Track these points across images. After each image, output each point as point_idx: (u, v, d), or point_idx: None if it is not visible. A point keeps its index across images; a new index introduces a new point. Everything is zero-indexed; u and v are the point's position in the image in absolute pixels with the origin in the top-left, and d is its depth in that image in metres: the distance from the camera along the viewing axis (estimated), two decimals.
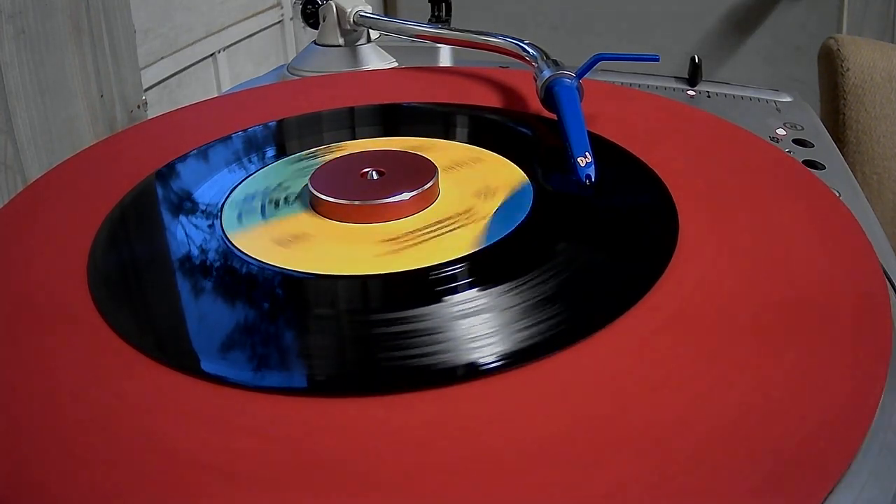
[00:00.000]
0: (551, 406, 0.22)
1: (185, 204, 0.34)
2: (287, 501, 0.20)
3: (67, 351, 0.25)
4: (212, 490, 0.20)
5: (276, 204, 0.33)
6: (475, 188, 0.34)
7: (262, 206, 0.33)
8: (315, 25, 0.59)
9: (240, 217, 0.32)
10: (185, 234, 0.32)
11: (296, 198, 0.33)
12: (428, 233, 0.30)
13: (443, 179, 0.34)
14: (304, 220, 0.32)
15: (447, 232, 0.30)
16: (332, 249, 0.30)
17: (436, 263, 0.28)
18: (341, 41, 0.58)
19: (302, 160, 0.37)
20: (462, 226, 0.31)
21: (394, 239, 0.30)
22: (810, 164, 0.45)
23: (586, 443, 0.21)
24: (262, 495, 0.20)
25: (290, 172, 0.36)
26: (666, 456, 0.20)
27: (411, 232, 0.31)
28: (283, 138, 0.41)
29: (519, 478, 0.20)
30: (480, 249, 0.29)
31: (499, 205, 0.32)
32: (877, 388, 0.22)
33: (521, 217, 0.31)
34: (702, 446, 0.20)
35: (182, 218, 0.33)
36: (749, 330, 0.25)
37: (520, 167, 0.35)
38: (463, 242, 0.30)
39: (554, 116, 0.38)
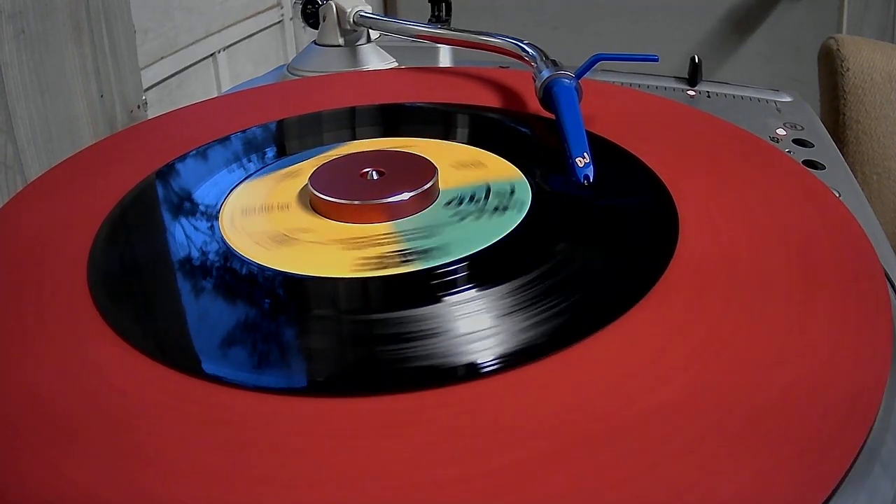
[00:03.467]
0: (551, 406, 0.22)
1: (184, 204, 0.34)
2: (287, 501, 0.20)
3: (67, 351, 0.25)
4: (212, 490, 0.20)
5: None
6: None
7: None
8: (315, 25, 0.59)
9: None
10: (184, 235, 0.32)
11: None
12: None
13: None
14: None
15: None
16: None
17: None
18: (341, 41, 0.58)
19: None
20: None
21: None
22: (810, 164, 0.45)
23: (586, 443, 0.21)
24: (262, 495, 0.20)
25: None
26: (666, 455, 0.20)
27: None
28: (283, 138, 0.41)
29: (519, 478, 0.20)
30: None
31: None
32: (878, 387, 0.22)
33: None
34: (702, 446, 0.20)
35: (182, 218, 0.33)
36: (749, 331, 0.25)
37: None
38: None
39: (553, 116, 0.38)
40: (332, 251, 0.30)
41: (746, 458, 0.20)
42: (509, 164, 0.35)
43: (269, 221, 0.32)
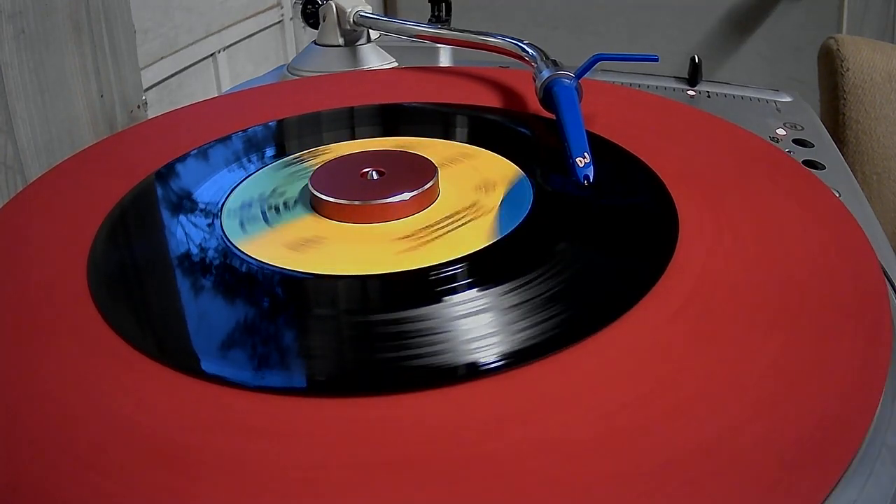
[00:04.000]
0: (552, 406, 0.22)
1: (185, 204, 0.34)
2: (286, 501, 0.20)
3: (67, 351, 0.25)
4: (211, 490, 0.20)
5: (277, 209, 0.33)
6: (474, 183, 0.34)
7: (263, 213, 0.33)
8: (315, 25, 0.59)
9: (243, 225, 0.32)
10: (184, 235, 0.32)
11: (295, 202, 0.33)
12: (440, 228, 0.31)
13: (441, 177, 0.34)
14: (313, 224, 0.32)
15: (461, 226, 0.31)
16: (350, 250, 0.30)
17: (435, 264, 0.28)
18: (341, 41, 0.58)
19: (290, 165, 0.37)
20: (473, 219, 0.31)
21: (409, 236, 0.30)
22: (810, 164, 0.45)
23: (587, 442, 0.21)
24: (262, 495, 0.20)
25: (282, 178, 0.36)
26: (667, 455, 0.20)
27: (424, 228, 0.31)
28: (283, 138, 0.41)
29: (519, 477, 0.20)
30: (492, 243, 0.29)
31: (502, 197, 0.33)
32: (877, 387, 0.22)
33: (522, 215, 0.31)
34: (702, 445, 0.20)
35: (182, 218, 0.33)
36: (749, 331, 0.25)
37: (515, 164, 0.35)
38: (479, 234, 0.30)
39: (553, 116, 0.38)
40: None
41: (746, 456, 0.20)
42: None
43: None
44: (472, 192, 0.33)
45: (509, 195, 0.33)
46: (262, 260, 0.29)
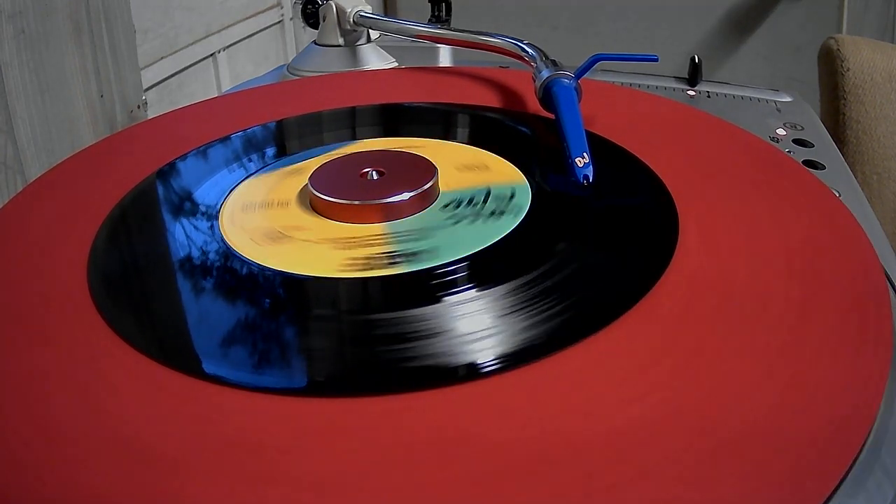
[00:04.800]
0: (552, 406, 0.22)
1: (185, 204, 0.34)
2: (287, 501, 0.20)
3: (67, 351, 0.25)
4: (211, 490, 0.20)
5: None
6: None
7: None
8: (315, 25, 0.59)
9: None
10: (184, 235, 0.32)
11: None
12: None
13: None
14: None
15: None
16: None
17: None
18: (341, 41, 0.58)
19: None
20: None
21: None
22: (810, 164, 0.45)
23: (586, 442, 0.21)
24: (261, 495, 0.20)
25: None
26: (667, 455, 0.20)
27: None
28: (283, 138, 0.41)
29: (519, 478, 0.20)
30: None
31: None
32: (878, 387, 0.22)
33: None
34: (702, 445, 0.20)
35: (182, 218, 0.33)
36: (749, 330, 0.25)
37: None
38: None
39: (553, 116, 0.38)
40: (323, 250, 0.30)
41: (747, 455, 0.20)
42: (513, 166, 0.35)
43: (267, 218, 0.32)
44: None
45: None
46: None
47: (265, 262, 0.29)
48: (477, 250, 0.29)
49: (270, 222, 0.32)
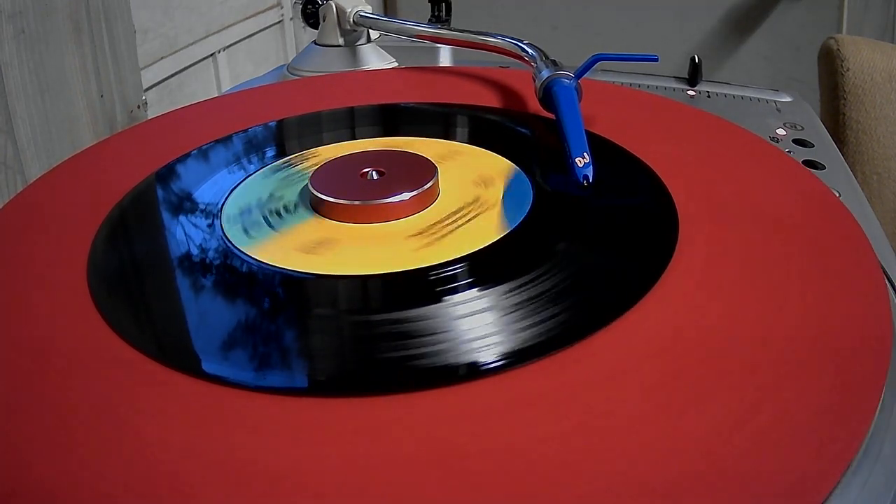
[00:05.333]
0: (552, 406, 0.22)
1: (185, 204, 0.34)
2: (286, 501, 0.20)
3: (67, 351, 0.25)
4: (211, 490, 0.20)
5: (279, 213, 0.33)
6: (472, 179, 0.34)
7: (265, 218, 0.32)
8: (315, 25, 0.59)
9: (247, 230, 0.31)
10: (183, 234, 0.32)
11: (296, 205, 0.33)
12: (451, 224, 0.31)
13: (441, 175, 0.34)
14: (319, 225, 0.32)
15: (469, 220, 0.31)
16: (365, 250, 0.30)
17: (435, 264, 0.28)
18: (341, 41, 0.58)
19: (281, 170, 0.36)
20: (479, 214, 0.31)
21: (421, 233, 0.30)
22: (810, 164, 0.45)
23: (587, 442, 0.21)
24: (261, 495, 0.20)
25: (276, 182, 0.35)
26: (667, 455, 0.20)
27: (434, 224, 0.31)
28: (283, 138, 0.41)
29: (519, 477, 0.20)
30: (492, 244, 0.29)
31: (503, 191, 0.33)
32: (876, 388, 0.22)
33: (522, 215, 0.31)
34: (701, 444, 0.20)
35: (182, 218, 0.33)
36: (748, 331, 0.25)
37: (518, 167, 0.35)
38: (489, 228, 0.30)
39: (553, 116, 0.38)
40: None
41: (747, 455, 0.20)
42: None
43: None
44: (472, 187, 0.34)
45: (509, 188, 0.33)
46: (275, 264, 0.29)
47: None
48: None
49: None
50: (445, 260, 0.28)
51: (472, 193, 0.33)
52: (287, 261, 0.29)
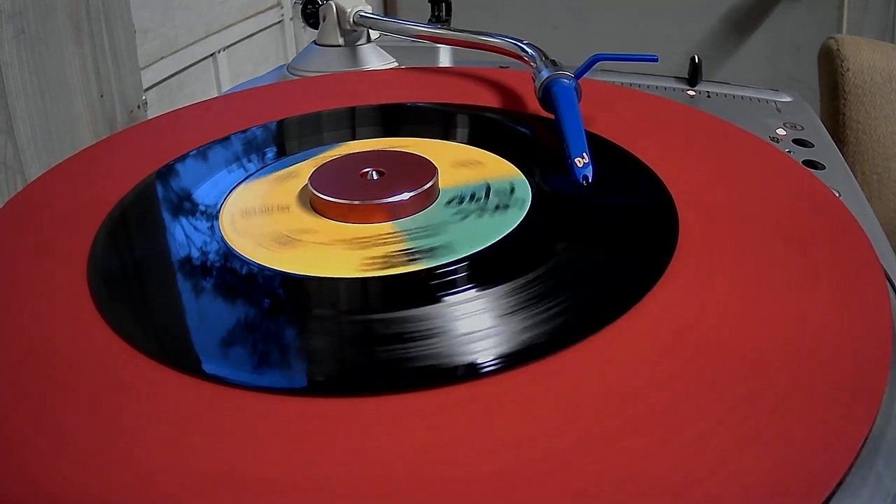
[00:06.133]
0: (552, 406, 0.22)
1: (184, 204, 0.34)
2: (287, 501, 0.20)
3: (67, 351, 0.25)
4: (211, 490, 0.20)
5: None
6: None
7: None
8: (315, 25, 0.59)
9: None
10: (184, 235, 0.32)
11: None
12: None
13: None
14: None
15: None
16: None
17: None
18: (341, 41, 0.58)
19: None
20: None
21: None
22: (810, 164, 0.45)
23: (586, 443, 0.21)
24: (261, 495, 0.20)
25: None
26: (667, 455, 0.20)
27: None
28: (283, 138, 0.41)
29: (518, 478, 0.20)
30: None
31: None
32: (878, 388, 0.22)
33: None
34: (700, 444, 0.20)
35: (182, 218, 0.33)
36: (747, 331, 0.25)
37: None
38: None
39: (552, 116, 0.38)
40: (337, 251, 0.30)
41: (748, 455, 0.20)
42: (508, 162, 0.36)
43: (271, 223, 0.32)
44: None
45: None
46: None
47: (279, 266, 0.29)
48: (485, 247, 0.29)
49: (276, 226, 0.32)
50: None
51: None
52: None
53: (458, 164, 0.36)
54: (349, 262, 0.29)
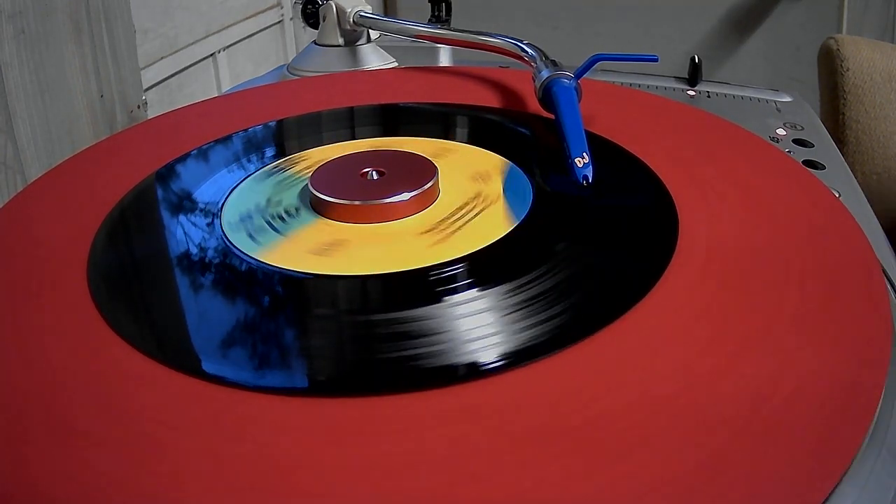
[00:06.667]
0: (551, 406, 0.22)
1: (185, 204, 0.34)
2: (286, 501, 0.20)
3: (67, 351, 0.25)
4: (211, 490, 0.20)
5: (281, 217, 0.32)
6: (468, 175, 0.35)
7: (269, 223, 0.32)
8: (315, 25, 0.59)
9: (252, 236, 0.31)
10: (184, 235, 0.32)
11: (297, 208, 0.33)
12: (458, 219, 0.31)
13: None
14: (325, 227, 0.31)
15: (476, 215, 0.31)
16: (378, 249, 0.30)
17: (434, 264, 0.28)
18: (341, 41, 0.58)
19: (273, 174, 0.36)
20: (485, 208, 0.32)
21: (431, 230, 0.30)
22: (810, 164, 0.45)
23: (588, 442, 0.21)
24: (261, 495, 0.20)
25: (271, 187, 0.35)
26: (669, 453, 0.20)
27: (442, 220, 0.31)
28: (283, 138, 0.41)
29: (518, 478, 0.20)
30: (491, 244, 0.29)
31: (503, 185, 0.34)
32: (877, 388, 0.22)
33: (523, 213, 0.31)
34: (700, 444, 0.20)
35: (182, 218, 0.33)
36: (747, 335, 0.25)
37: (517, 167, 0.35)
38: (497, 221, 0.31)
39: (552, 116, 0.38)
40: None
41: (749, 454, 0.20)
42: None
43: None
44: (471, 183, 0.34)
45: (508, 182, 0.34)
46: (290, 268, 0.29)
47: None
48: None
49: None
50: (446, 260, 0.28)
51: (473, 188, 0.33)
52: (302, 263, 0.29)
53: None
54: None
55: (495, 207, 0.32)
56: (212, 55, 0.98)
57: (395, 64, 0.59)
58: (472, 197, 0.33)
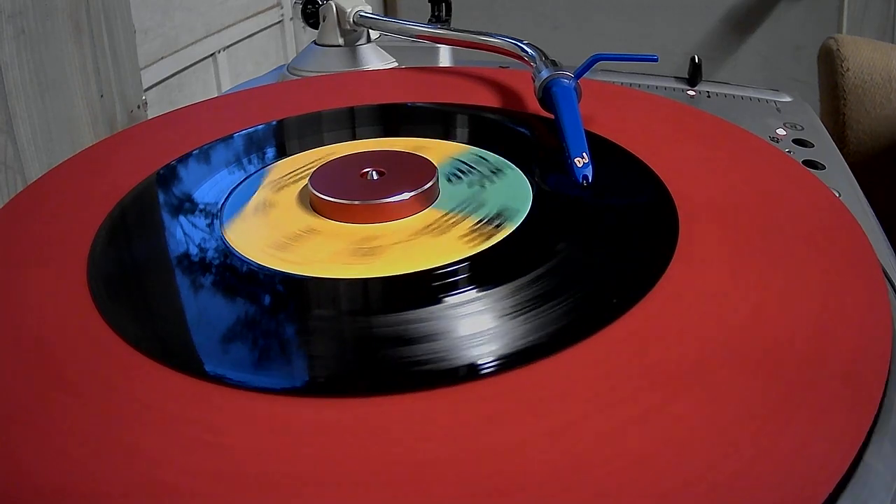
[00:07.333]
0: (551, 406, 0.22)
1: (185, 204, 0.34)
2: (286, 501, 0.20)
3: (67, 351, 0.25)
4: (211, 490, 0.20)
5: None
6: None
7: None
8: (315, 25, 0.59)
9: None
10: (184, 235, 0.32)
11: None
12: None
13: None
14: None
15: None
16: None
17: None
18: (341, 41, 0.58)
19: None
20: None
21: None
22: (810, 164, 0.45)
23: (587, 443, 0.21)
24: (260, 495, 0.20)
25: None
26: (669, 454, 0.20)
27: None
28: (283, 138, 0.41)
29: (518, 478, 0.20)
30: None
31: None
32: (878, 387, 0.22)
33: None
34: (699, 444, 0.20)
35: (182, 218, 0.33)
36: (747, 332, 0.25)
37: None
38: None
39: (552, 116, 0.38)
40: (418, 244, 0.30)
41: (748, 454, 0.20)
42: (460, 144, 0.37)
43: (267, 224, 0.32)
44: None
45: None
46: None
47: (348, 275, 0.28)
48: (479, 251, 0.29)
49: (274, 229, 0.31)
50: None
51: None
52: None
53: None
54: (449, 244, 0.29)
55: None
56: (212, 55, 0.98)
57: (395, 64, 0.59)
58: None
